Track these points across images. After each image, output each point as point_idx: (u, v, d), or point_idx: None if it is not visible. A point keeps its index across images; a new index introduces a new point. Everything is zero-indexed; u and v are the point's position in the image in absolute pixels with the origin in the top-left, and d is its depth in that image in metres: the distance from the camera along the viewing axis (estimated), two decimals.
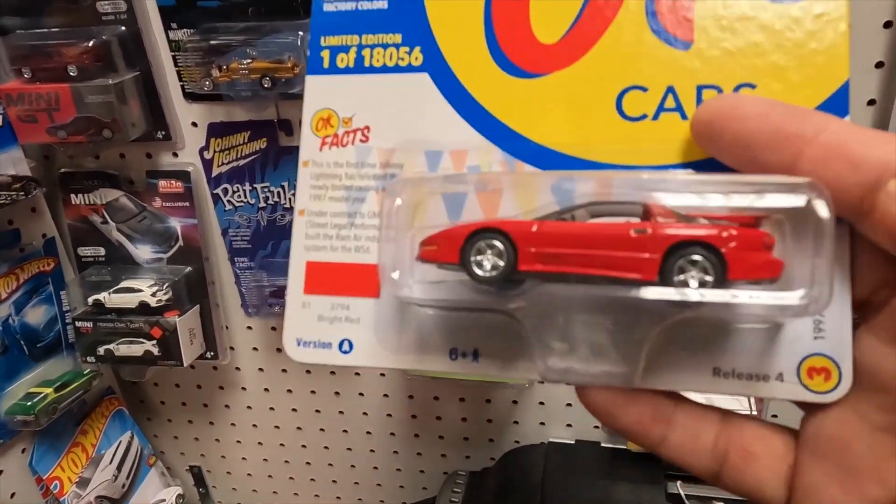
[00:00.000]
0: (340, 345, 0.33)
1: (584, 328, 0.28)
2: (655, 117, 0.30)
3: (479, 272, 0.28)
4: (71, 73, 0.86)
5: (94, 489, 1.05)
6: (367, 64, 0.33)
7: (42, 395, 0.95)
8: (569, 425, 1.08)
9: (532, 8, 0.31)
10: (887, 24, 0.71)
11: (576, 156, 0.30)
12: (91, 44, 0.84)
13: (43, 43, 0.86)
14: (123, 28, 0.87)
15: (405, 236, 0.30)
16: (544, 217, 0.28)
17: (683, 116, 0.29)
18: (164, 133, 0.94)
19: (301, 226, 0.34)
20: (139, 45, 0.88)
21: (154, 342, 0.98)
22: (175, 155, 0.98)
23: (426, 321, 0.32)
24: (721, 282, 0.25)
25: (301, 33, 0.81)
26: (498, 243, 0.28)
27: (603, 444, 1.06)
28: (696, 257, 0.25)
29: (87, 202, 1.01)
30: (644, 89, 0.30)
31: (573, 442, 1.08)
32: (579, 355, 0.28)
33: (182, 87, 0.92)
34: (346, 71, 0.33)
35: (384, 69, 0.33)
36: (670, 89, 0.29)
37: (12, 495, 0.97)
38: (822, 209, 0.24)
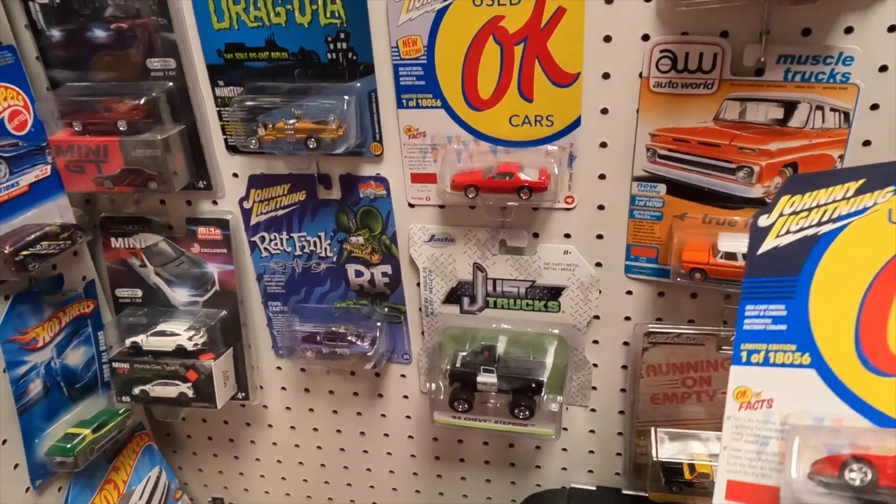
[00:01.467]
0: None
1: None
2: None
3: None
4: (120, 128, 0.88)
5: None
6: (772, 361, 0.53)
7: (80, 436, 0.97)
8: (590, 471, 1.10)
9: (890, 327, 0.49)
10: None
11: None
12: (142, 101, 0.87)
13: (93, 98, 0.89)
14: (171, 84, 0.90)
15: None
16: None
17: None
18: (205, 183, 0.97)
19: (724, 458, 0.53)
20: (186, 100, 0.91)
21: (189, 385, 1.01)
22: (215, 203, 1.00)
23: None
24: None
25: (346, 97, 0.84)
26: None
27: (624, 492, 1.08)
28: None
29: (127, 246, 1.04)
30: None
31: (594, 488, 1.10)
32: None
33: (225, 140, 0.95)
34: (758, 364, 0.54)
35: (783, 365, 0.53)
36: None
37: None
38: None
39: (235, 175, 0.97)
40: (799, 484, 0.46)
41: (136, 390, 1.02)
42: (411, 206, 0.94)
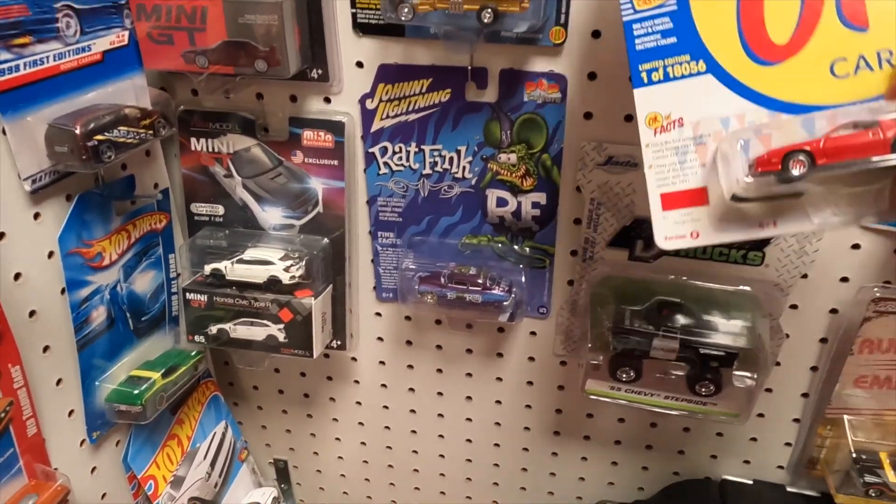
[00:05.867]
0: (689, 234, 0.54)
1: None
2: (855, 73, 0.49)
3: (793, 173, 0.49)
4: None
5: (188, 489, 0.89)
6: (671, 75, 0.52)
7: (149, 380, 0.78)
8: (746, 462, 0.92)
9: (766, 18, 0.50)
10: None
11: (806, 104, 0.50)
12: None
13: None
14: None
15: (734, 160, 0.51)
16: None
17: (870, 68, 0.49)
18: (320, 72, 0.76)
19: (651, 176, 0.53)
20: None
21: (281, 326, 0.81)
22: (327, 101, 0.79)
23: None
24: None
25: None
26: (802, 156, 0.48)
27: (789, 489, 0.91)
28: None
29: (210, 149, 0.83)
30: (844, 59, 0.49)
31: (751, 482, 0.92)
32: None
33: (353, 14, 0.73)
34: (659, 82, 0.53)
35: (682, 77, 0.52)
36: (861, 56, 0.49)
37: (103, 496, 0.81)
38: None
39: (360, 65, 0.76)
40: (742, 182, 0.50)
41: (214, 329, 0.83)
42: (588, 116, 0.73)
